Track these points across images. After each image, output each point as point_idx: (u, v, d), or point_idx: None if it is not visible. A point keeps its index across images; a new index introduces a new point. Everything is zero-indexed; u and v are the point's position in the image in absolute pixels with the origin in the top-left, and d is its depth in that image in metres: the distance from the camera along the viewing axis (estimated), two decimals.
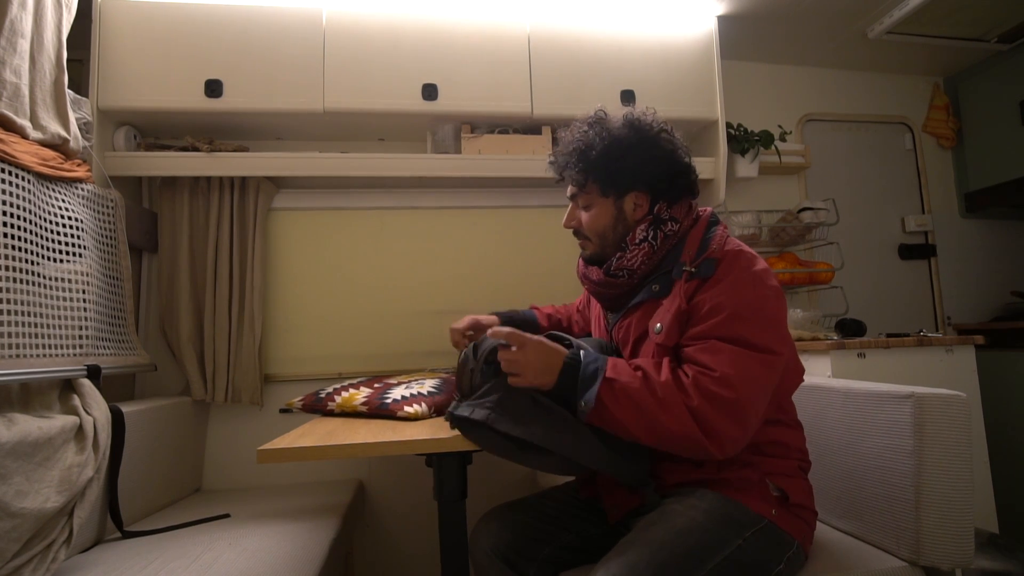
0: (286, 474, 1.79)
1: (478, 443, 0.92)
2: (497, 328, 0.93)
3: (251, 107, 1.67)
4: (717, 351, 0.86)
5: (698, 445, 0.83)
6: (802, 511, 0.94)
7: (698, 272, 0.93)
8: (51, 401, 1.18)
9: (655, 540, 0.83)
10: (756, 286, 0.90)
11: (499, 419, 0.88)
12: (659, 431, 0.84)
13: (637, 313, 1.01)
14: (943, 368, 1.62)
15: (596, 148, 1.01)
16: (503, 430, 0.87)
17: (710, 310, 0.89)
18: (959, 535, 0.92)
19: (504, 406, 0.90)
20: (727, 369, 0.83)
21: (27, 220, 1.18)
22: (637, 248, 0.99)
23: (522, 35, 1.82)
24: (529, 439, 0.86)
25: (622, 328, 1.04)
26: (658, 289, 0.97)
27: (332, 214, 1.93)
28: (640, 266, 0.99)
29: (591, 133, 1.03)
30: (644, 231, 0.99)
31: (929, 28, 2.09)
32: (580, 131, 1.04)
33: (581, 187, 1.04)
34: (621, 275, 1.01)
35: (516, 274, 1.99)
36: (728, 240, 0.97)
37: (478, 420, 0.89)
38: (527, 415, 0.88)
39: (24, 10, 1.21)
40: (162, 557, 1.09)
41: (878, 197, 2.42)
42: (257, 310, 1.74)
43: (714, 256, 0.93)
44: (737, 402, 0.82)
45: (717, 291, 0.90)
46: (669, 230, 0.99)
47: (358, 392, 1.32)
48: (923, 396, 0.95)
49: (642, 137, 1.02)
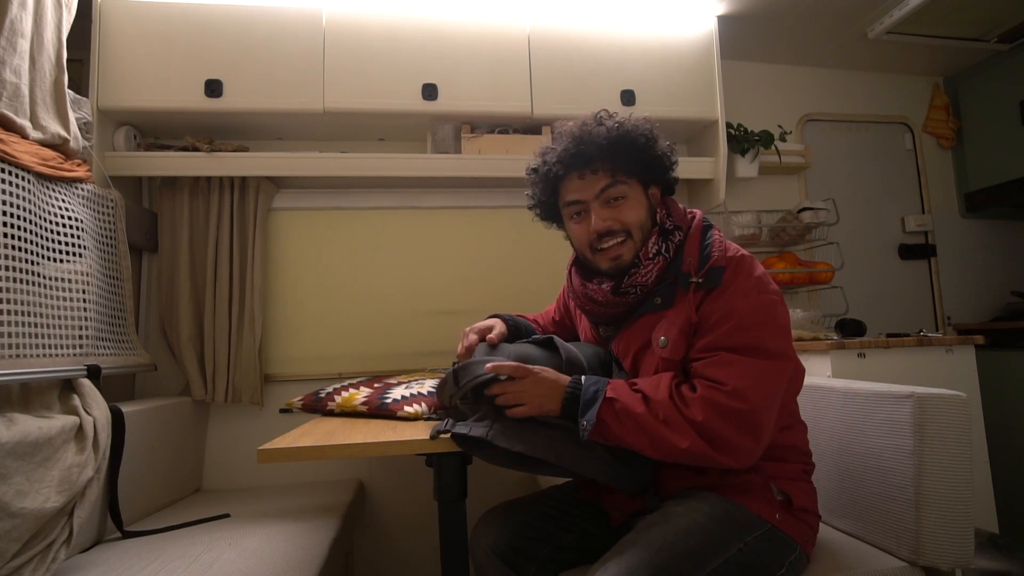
0: (286, 474, 1.79)
1: (478, 456, 0.91)
2: (500, 364, 0.90)
3: (251, 107, 1.67)
4: (728, 363, 0.84)
5: (708, 458, 0.82)
6: (805, 515, 0.94)
7: (705, 282, 0.90)
8: (51, 401, 1.18)
9: (655, 541, 0.82)
10: (761, 292, 0.89)
11: (498, 435, 0.87)
12: (664, 448, 0.84)
13: (636, 325, 0.98)
14: (943, 368, 1.62)
15: (644, 133, 0.96)
16: (503, 446, 0.86)
17: (718, 319, 0.88)
18: (959, 535, 0.92)
19: (503, 422, 0.89)
20: (739, 381, 0.82)
21: (27, 220, 1.18)
22: (651, 263, 0.95)
23: (522, 35, 1.82)
24: (531, 454, 0.86)
25: (621, 341, 1.01)
26: (660, 302, 0.95)
27: (332, 214, 1.93)
28: (653, 281, 0.95)
29: (621, 123, 0.97)
30: (656, 244, 0.95)
31: (929, 28, 2.09)
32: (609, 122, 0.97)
33: (625, 177, 0.97)
34: (632, 292, 0.96)
35: (516, 274, 1.99)
36: (727, 245, 0.95)
37: (477, 437, 0.87)
38: (527, 430, 0.88)
39: (24, 10, 1.21)
40: (162, 557, 1.09)
41: (878, 197, 2.42)
42: (257, 310, 1.74)
43: (719, 264, 0.91)
44: (752, 413, 0.82)
45: (724, 300, 0.89)
46: (678, 240, 0.97)
47: (358, 392, 1.32)
48: (923, 396, 0.95)
49: (655, 131, 1.00)
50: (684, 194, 2.19)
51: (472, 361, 0.95)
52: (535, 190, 1.06)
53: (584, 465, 0.87)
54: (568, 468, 0.88)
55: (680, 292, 0.93)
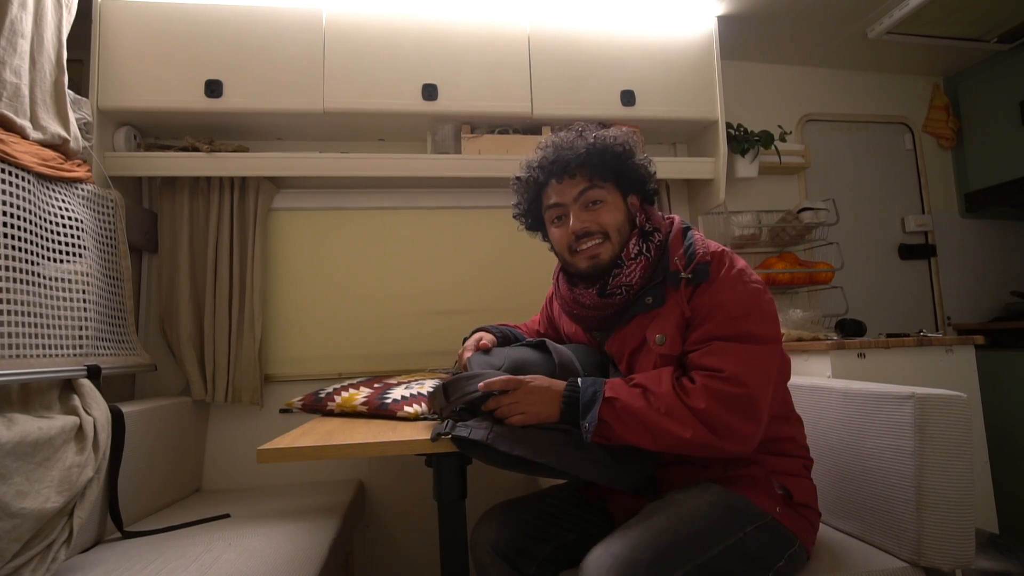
0: (286, 474, 1.79)
1: (477, 458, 0.91)
2: (491, 380, 0.92)
3: (251, 107, 1.67)
4: (722, 352, 0.87)
5: (712, 446, 0.84)
6: (805, 510, 0.95)
7: (695, 277, 0.94)
8: (51, 401, 1.18)
9: (657, 524, 0.85)
10: (745, 282, 0.93)
11: (498, 438, 0.87)
12: (668, 439, 0.85)
13: (630, 326, 1.00)
14: (943, 368, 1.62)
15: (621, 144, 1.01)
16: (503, 449, 0.86)
17: (708, 312, 0.91)
18: (959, 535, 0.93)
19: (503, 424, 0.90)
20: (734, 367, 0.85)
21: (27, 220, 1.18)
22: (634, 263, 0.98)
23: (522, 35, 1.82)
24: (531, 458, 0.86)
25: (615, 342, 1.03)
26: (652, 301, 0.97)
27: (332, 214, 1.93)
28: (638, 280, 0.98)
29: (600, 134, 1.02)
30: (636, 245, 0.99)
31: (929, 28, 2.09)
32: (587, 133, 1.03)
33: (602, 182, 1.01)
34: (619, 293, 0.99)
35: (516, 274, 1.99)
36: (708, 243, 0.99)
37: (478, 440, 0.88)
38: (527, 433, 0.89)
39: (24, 10, 1.21)
40: (162, 557, 1.09)
41: (878, 197, 2.42)
42: (257, 310, 1.74)
43: (704, 259, 0.95)
44: (749, 397, 0.84)
45: (712, 293, 0.92)
46: (658, 241, 1.00)
47: (358, 392, 1.32)
48: (923, 397, 0.96)
49: (635, 142, 1.04)
50: (684, 194, 2.19)
51: (461, 376, 0.95)
52: (520, 198, 1.11)
53: (584, 468, 0.88)
54: (568, 471, 0.88)
55: (671, 290, 0.96)
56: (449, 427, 0.91)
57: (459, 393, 0.93)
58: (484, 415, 0.92)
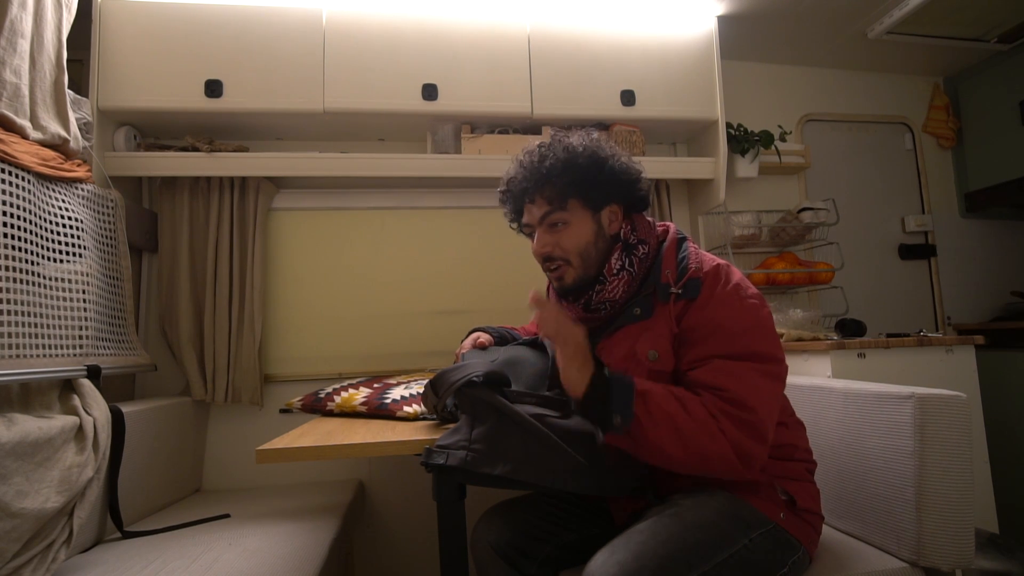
0: (286, 474, 1.79)
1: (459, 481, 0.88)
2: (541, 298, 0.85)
3: (251, 107, 1.67)
4: (726, 371, 0.84)
5: (730, 465, 0.81)
6: (809, 516, 0.94)
7: (685, 293, 0.91)
8: (51, 401, 1.18)
9: (663, 532, 0.83)
10: (744, 298, 0.90)
11: (477, 459, 0.84)
12: (696, 450, 0.81)
13: (616, 336, 0.97)
14: (943, 368, 1.62)
15: (582, 158, 0.97)
16: (483, 471, 0.83)
17: (707, 330, 0.88)
18: (959, 536, 0.93)
19: (484, 440, 0.85)
20: (740, 389, 0.83)
21: (27, 220, 1.18)
22: (616, 278, 0.96)
23: (522, 35, 1.82)
24: (512, 477, 0.83)
25: (603, 351, 0.99)
26: (640, 312, 0.95)
27: (332, 214, 1.93)
28: (622, 296, 0.96)
29: (567, 147, 0.98)
30: (619, 260, 0.96)
31: (929, 28, 2.09)
32: (554, 148, 0.98)
33: (561, 204, 0.97)
34: (603, 308, 0.98)
35: (516, 274, 1.98)
36: (702, 256, 0.97)
37: (454, 467, 0.84)
38: (508, 451, 0.84)
39: (24, 10, 1.21)
40: (162, 557, 1.09)
41: (878, 197, 2.42)
42: (257, 310, 1.74)
43: (697, 276, 0.92)
44: (758, 422, 0.82)
45: (709, 310, 0.89)
46: (642, 254, 0.97)
47: (357, 392, 1.32)
48: (923, 397, 0.96)
49: (610, 149, 1.00)
50: (684, 194, 2.19)
51: (446, 370, 0.94)
52: (506, 209, 1.09)
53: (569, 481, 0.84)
54: (552, 486, 0.84)
55: (659, 303, 0.93)
56: (426, 457, 0.87)
57: (445, 384, 0.91)
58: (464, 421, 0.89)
